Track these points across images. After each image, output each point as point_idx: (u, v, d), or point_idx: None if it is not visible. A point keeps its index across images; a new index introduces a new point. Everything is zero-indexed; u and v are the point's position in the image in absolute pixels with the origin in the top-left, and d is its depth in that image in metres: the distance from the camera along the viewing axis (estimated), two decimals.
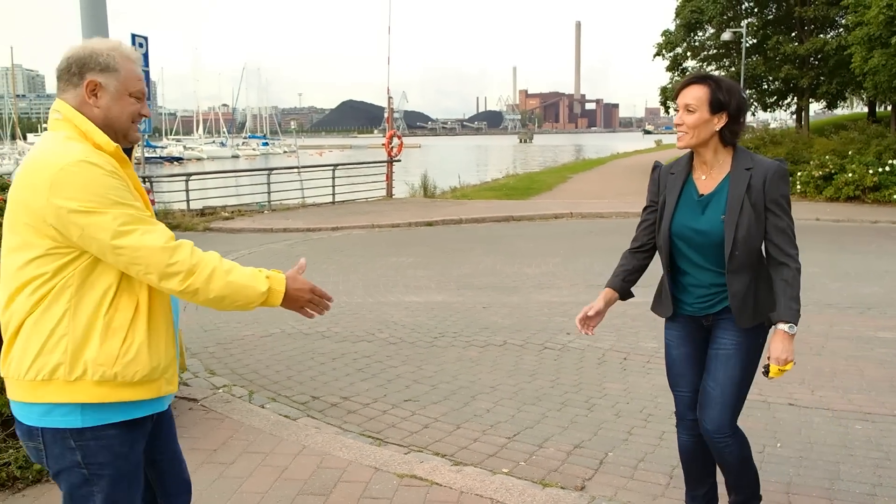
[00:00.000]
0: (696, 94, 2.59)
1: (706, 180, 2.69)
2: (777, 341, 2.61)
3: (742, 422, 4.29)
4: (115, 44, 2.05)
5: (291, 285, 2.06)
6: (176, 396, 4.69)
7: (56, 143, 1.93)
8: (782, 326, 2.59)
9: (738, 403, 2.73)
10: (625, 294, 2.93)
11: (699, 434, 2.86)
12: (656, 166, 2.88)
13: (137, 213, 1.90)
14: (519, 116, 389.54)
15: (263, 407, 4.63)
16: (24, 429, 1.97)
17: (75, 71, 2.00)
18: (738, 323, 2.65)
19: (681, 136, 2.65)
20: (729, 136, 2.64)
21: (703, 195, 2.68)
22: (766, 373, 2.64)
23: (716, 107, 2.58)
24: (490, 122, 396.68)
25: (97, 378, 1.89)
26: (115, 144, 1.99)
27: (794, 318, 2.58)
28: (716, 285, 2.69)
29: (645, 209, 2.90)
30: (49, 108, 2.05)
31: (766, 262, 2.68)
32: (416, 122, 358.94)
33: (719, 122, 2.60)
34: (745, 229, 2.56)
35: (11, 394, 1.97)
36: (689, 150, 2.72)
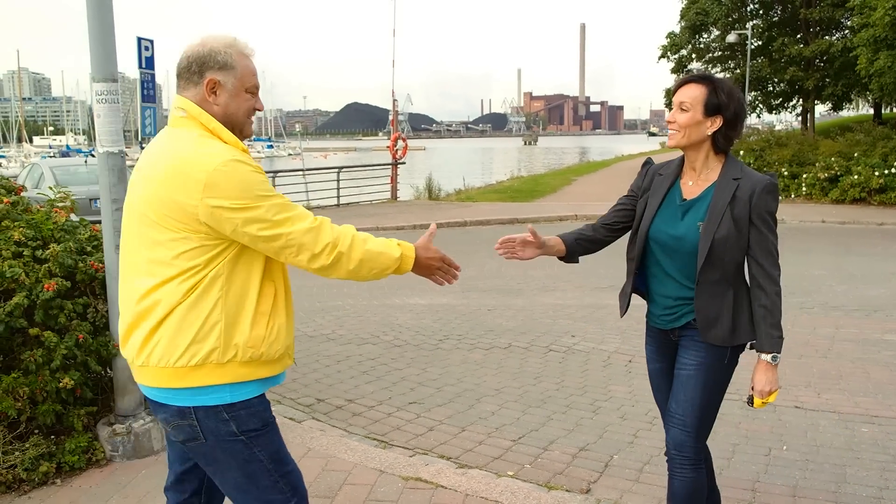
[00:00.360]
0: (692, 94, 2.47)
1: (692, 186, 2.57)
2: (759, 372, 2.48)
3: (748, 425, 4.31)
4: (230, 40, 2.10)
5: (422, 253, 2.21)
6: None
7: (198, 143, 1.99)
8: (764, 357, 2.46)
9: (702, 425, 2.58)
10: (572, 254, 2.74)
11: None
12: (647, 162, 2.79)
13: (283, 201, 2.00)
14: (523, 119, 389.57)
15: None
16: (174, 409, 2.04)
17: (195, 69, 2.05)
18: (705, 339, 2.49)
19: (671, 134, 2.54)
20: (722, 142, 2.50)
21: (685, 200, 2.56)
22: (750, 403, 2.54)
23: (711, 109, 2.45)
24: (494, 124, 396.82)
25: (246, 359, 2.01)
26: (244, 146, 2.07)
27: (776, 348, 2.45)
28: (681, 298, 2.55)
29: (623, 196, 2.80)
30: (54, 112, 2.08)
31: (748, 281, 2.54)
32: (421, 125, 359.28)
33: (713, 125, 2.47)
34: (723, 241, 2.42)
35: (152, 381, 2.03)
36: (679, 149, 2.59)
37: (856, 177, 17.03)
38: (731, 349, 2.53)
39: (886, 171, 16.87)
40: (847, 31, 26.85)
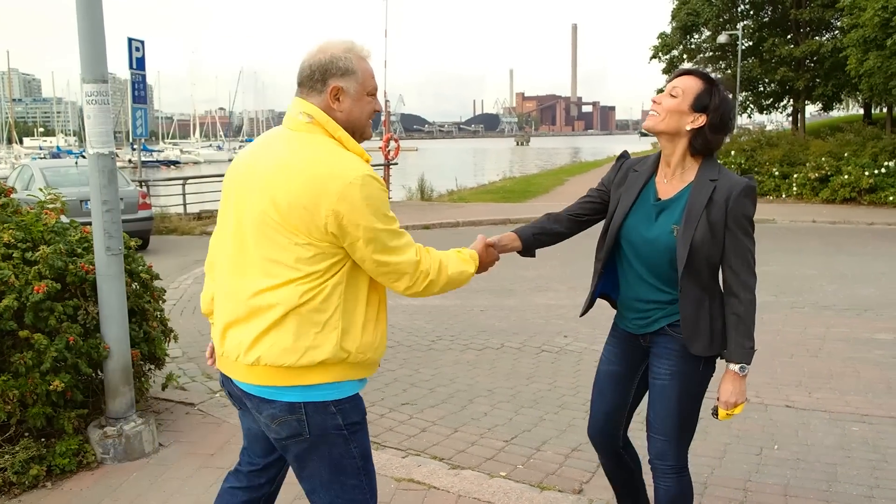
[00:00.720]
0: (687, 84, 2.39)
1: (667, 185, 2.47)
2: (726, 382, 2.39)
3: (739, 424, 4.32)
4: (349, 44, 2.12)
5: (483, 259, 2.53)
6: (173, 401, 4.69)
7: (333, 154, 2.02)
8: (732, 367, 2.38)
9: (682, 435, 2.52)
10: (528, 248, 2.68)
11: (612, 453, 2.76)
12: (623, 155, 2.70)
13: (397, 227, 2.06)
14: (516, 119, 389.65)
15: None
16: (283, 405, 2.06)
17: (318, 77, 2.07)
18: (691, 349, 2.41)
19: (650, 115, 2.44)
20: (699, 145, 2.40)
21: (660, 199, 2.46)
22: (715, 414, 2.45)
23: (699, 105, 2.36)
24: (487, 124, 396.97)
25: (357, 361, 2.10)
26: (368, 156, 2.11)
27: (745, 359, 2.37)
28: (654, 302, 2.48)
29: (593, 188, 2.73)
30: (45, 113, 2.07)
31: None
32: (413, 125, 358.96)
33: (694, 122, 2.37)
34: (700, 245, 2.32)
35: (260, 379, 2.06)
36: (653, 133, 2.49)
37: (846, 177, 17.14)
38: (704, 358, 2.46)
39: (876, 171, 16.99)
40: (837, 32, 26.97)
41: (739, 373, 2.38)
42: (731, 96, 2.45)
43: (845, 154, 17.91)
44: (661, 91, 2.57)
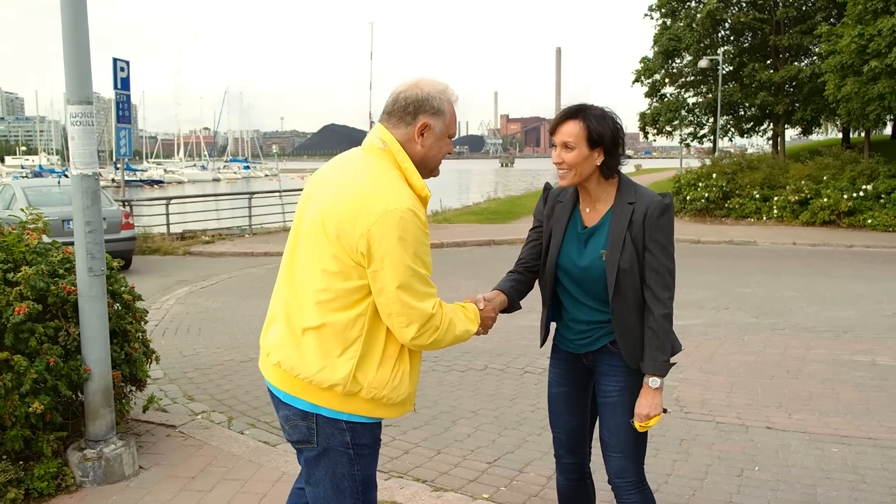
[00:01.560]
0: (571, 131, 2.43)
1: (591, 213, 2.54)
2: (642, 396, 2.45)
3: (720, 445, 4.35)
4: (443, 87, 2.23)
5: (484, 315, 2.48)
6: (154, 423, 4.65)
7: (388, 180, 2.10)
8: (646, 380, 2.44)
9: (638, 450, 2.57)
10: (513, 304, 2.69)
11: (576, 478, 2.76)
12: (546, 187, 2.75)
13: (426, 273, 2.10)
14: (500, 141, 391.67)
15: (242, 433, 4.60)
16: (297, 410, 2.15)
17: (411, 111, 2.17)
18: (630, 364, 2.48)
19: (562, 174, 2.49)
20: (607, 170, 2.47)
21: (586, 227, 2.54)
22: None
23: (594, 142, 2.42)
24: (472, 146, 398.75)
25: (369, 397, 2.12)
26: (428, 192, 2.18)
27: (658, 371, 2.42)
28: (594, 322, 2.53)
29: (532, 230, 2.76)
30: (27, 131, 2.10)
31: None
32: None
33: (599, 156, 2.44)
34: (628, 266, 2.41)
35: (280, 383, 2.17)
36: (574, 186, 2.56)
37: (825, 200, 17.37)
38: None
39: (855, 195, 17.24)
40: (815, 58, 27.50)
41: (652, 386, 2.43)
42: (604, 110, 2.47)
43: (824, 177, 18.16)
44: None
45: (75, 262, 3.80)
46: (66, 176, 3.35)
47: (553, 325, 2.75)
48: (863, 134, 26.71)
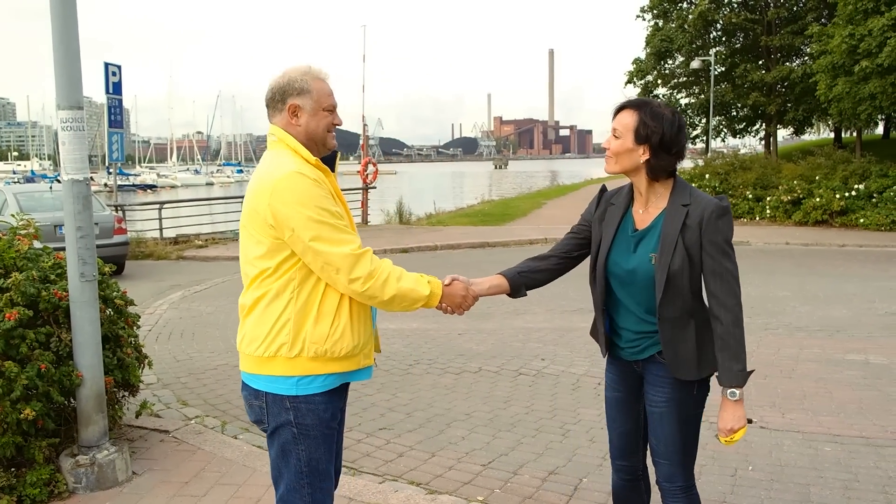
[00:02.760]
0: (624, 121, 2.42)
1: (643, 214, 2.50)
2: (722, 409, 2.40)
3: (714, 445, 4.35)
4: (305, 68, 2.41)
5: (448, 291, 2.54)
6: (147, 428, 4.63)
7: (275, 159, 2.34)
8: (725, 393, 2.38)
9: (687, 457, 2.56)
10: (516, 289, 2.69)
11: (630, 478, 2.76)
12: (602, 189, 2.71)
13: (335, 222, 2.25)
14: (494, 143, 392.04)
15: (236, 438, 4.58)
16: (252, 391, 2.39)
17: (278, 98, 2.38)
18: (675, 374, 2.44)
19: (607, 158, 2.51)
20: (656, 170, 2.42)
21: (637, 230, 2.50)
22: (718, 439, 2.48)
23: (641, 137, 2.39)
24: (465, 148, 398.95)
25: (311, 354, 2.28)
26: (315, 158, 2.37)
27: (734, 382, 2.35)
28: (641, 332, 2.51)
29: (577, 224, 2.75)
30: (19, 137, 2.16)
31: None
32: (392, 149, 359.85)
33: (645, 153, 2.40)
34: (679, 272, 2.35)
35: (242, 364, 2.41)
36: (619, 175, 2.54)
37: (818, 199, 17.43)
38: (698, 381, 2.48)
39: (847, 194, 17.31)
40: (807, 58, 27.63)
41: (730, 398, 2.37)
42: (668, 111, 2.43)
43: (817, 177, 18.23)
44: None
45: (67, 267, 3.79)
46: (59, 181, 3.36)
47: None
48: (854, 134, 26.86)
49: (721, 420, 2.41)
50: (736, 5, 29.94)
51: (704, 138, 31.29)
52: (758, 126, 31.99)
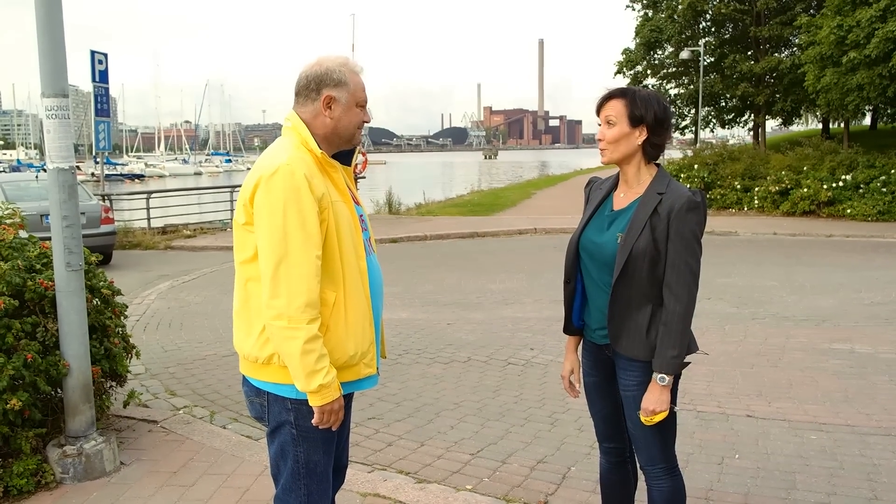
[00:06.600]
0: (615, 108, 2.47)
1: (623, 198, 2.56)
2: (648, 391, 2.44)
3: (701, 434, 4.39)
4: (343, 59, 2.31)
5: (332, 407, 2.16)
6: (135, 418, 4.62)
7: (275, 149, 2.23)
8: (655, 376, 2.42)
9: (665, 439, 2.57)
10: (579, 330, 2.77)
11: (618, 460, 2.79)
12: (590, 181, 2.77)
13: (305, 239, 2.08)
14: (484, 133, 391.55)
15: (225, 428, 4.58)
16: (253, 388, 2.30)
17: (313, 87, 2.26)
18: (617, 349, 2.50)
19: (602, 150, 2.53)
20: (651, 150, 2.49)
21: (613, 210, 2.56)
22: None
23: (635, 120, 2.45)
24: (455, 138, 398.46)
25: None
26: (321, 151, 2.22)
27: (665, 369, 2.39)
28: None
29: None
30: (5, 125, 2.11)
31: None
32: (381, 139, 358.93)
33: (640, 135, 2.46)
34: (641, 254, 2.38)
35: (242, 367, 2.34)
36: (614, 164, 2.58)
37: (805, 190, 17.52)
38: None
39: (834, 185, 17.41)
40: (795, 49, 27.72)
41: (659, 383, 2.41)
42: (650, 92, 2.53)
43: (804, 168, 18.32)
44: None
45: (52, 257, 3.76)
46: (45, 170, 3.33)
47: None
48: (842, 124, 26.99)
49: (645, 401, 2.46)
50: None
51: (693, 129, 31.38)
52: (746, 117, 32.09)
